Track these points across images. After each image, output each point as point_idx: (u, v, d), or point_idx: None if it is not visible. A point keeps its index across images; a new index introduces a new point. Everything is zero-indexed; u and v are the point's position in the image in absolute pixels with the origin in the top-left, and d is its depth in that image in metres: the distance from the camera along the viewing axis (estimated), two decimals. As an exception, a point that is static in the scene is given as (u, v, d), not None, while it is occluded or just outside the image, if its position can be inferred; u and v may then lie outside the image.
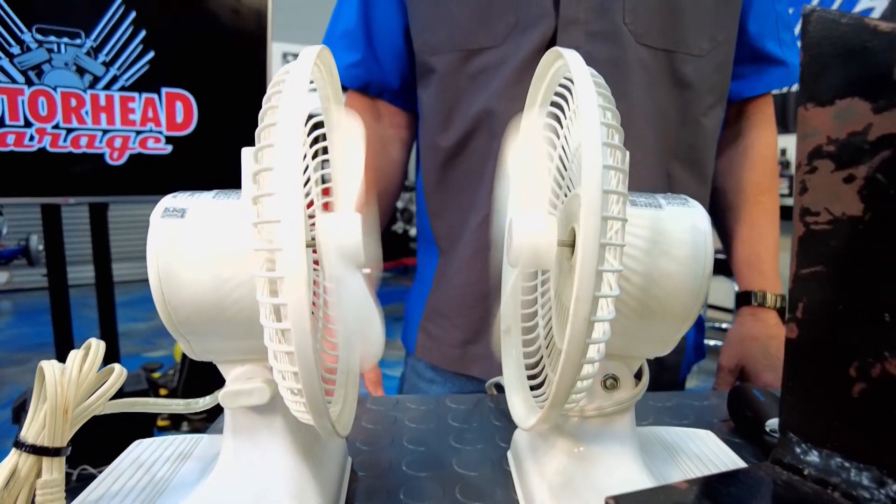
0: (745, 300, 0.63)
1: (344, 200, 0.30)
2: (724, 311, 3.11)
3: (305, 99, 0.22)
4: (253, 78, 1.56)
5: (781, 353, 0.23)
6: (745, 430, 0.44)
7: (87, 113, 1.39)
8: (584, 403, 0.31)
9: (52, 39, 1.33)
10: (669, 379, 0.63)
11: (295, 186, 0.21)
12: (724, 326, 2.95)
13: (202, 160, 1.54)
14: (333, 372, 0.32)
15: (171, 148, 1.49)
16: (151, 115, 1.47)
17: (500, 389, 0.46)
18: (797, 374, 0.20)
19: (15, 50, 1.29)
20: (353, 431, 0.38)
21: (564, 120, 0.29)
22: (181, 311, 0.27)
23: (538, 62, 0.57)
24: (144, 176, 1.47)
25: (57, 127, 1.36)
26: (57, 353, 1.50)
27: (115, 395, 0.29)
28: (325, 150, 0.32)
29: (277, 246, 0.21)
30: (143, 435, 0.31)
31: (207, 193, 0.29)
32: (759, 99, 0.67)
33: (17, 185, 1.35)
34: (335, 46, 0.65)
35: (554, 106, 0.30)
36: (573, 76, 0.24)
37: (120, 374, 0.29)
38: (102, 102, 1.40)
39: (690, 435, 0.39)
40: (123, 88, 1.42)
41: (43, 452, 0.26)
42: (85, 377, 0.27)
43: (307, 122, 0.28)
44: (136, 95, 1.44)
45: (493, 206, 0.33)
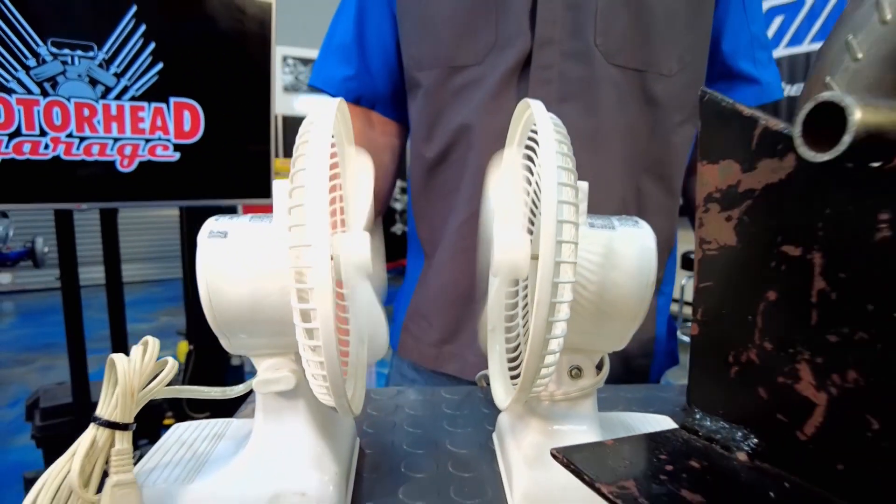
0: None
1: (355, 222, 0.37)
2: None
3: (328, 150, 0.29)
4: (257, 88, 1.62)
5: None
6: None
7: (99, 122, 1.45)
8: (552, 389, 0.37)
9: (66, 52, 1.39)
10: (639, 382, 0.69)
11: (322, 220, 0.27)
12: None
13: (208, 166, 1.61)
14: (346, 364, 0.39)
15: (178, 155, 1.55)
16: (160, 123, 1.53)
17: (489, 382, 0.53)
18: (698, 362, 0.27)
19: (31, 62, 1.35)
20: (360, 417, 0.45)
21: (536, 158, 0.36)
22: (224, 315, 0.33)
23: (515, 79, 0.63)
24: (153, 182, 1.54)
25: (70, 136, 1.42)
26: (69, 350, 1.56)
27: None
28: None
29: (309, 264, 0.27)
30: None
31: (244, 217, 0.35)
32: None
33: (32, 191, 1.40)
34: (331, 59, 0.69)
35: (529, 144, 0.37)
36: (537, 126, 0.30)
37: (173, 366, 0.35)
38: (114, 112, 1.46)
39: (649, 419, 0.45)
40: (133, 98, 1.48)
41: (115, 427, 0.32)
42: (146, 367, 0.33)
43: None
44: (145, 105, 1.50)
45: (479, 228, 0.39)
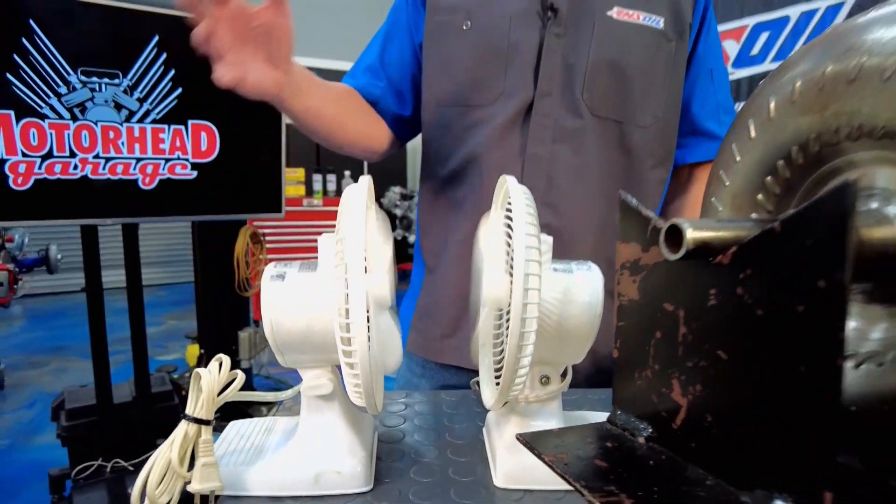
0: None
1: (377, 265, 0.48)
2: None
3: (364, 221, 0.40)
4: (269, 110, 1.73)
5: None
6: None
7: (122, 143, 1.56)
8: (527, 393, 0.49)
9: (94, 80, 1.50)
10: (608, 383, 0.79)
11: (359, 273, 0.38)
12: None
13: (223, 183, 1.72)
14: (368, 373, 0.50)
15: (196, 173, 1.67)
16: (179, 144, 1.64)
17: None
18: (618, 376, 0.38)
19: (63, 90, 1.47)
20: (379, 414, 0.56)
21: (511, 223, 0.47)
22: (282, 338, 0.45)
23: (519, 121, 0.76)
24: (172, 198, 1.65)
25: (97, 156, 1.53)
26: (94, 356, 1.67)
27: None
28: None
29: (350, 305, 0.39)
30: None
31: (295, 265, 0.47)
32: (703, 164, 0.83)
33: (62, 208, 1.52)
34: (359, 78, 0.84)
35: (508, 210, 0.48)
36: (511, 199, 0.42)
37: (241, 378, 0.46)
38: (136, 134, 1.58)
39: (600, 416, 0.57)
40: (155, 121, 1.60)
41: (201, 422, 0.44)
42: (222, 377, 0.45)
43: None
44: (165, 127, 1.62)
45: (472, 272, 0.51)
